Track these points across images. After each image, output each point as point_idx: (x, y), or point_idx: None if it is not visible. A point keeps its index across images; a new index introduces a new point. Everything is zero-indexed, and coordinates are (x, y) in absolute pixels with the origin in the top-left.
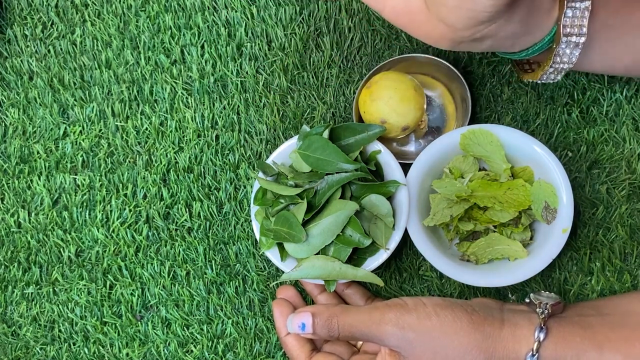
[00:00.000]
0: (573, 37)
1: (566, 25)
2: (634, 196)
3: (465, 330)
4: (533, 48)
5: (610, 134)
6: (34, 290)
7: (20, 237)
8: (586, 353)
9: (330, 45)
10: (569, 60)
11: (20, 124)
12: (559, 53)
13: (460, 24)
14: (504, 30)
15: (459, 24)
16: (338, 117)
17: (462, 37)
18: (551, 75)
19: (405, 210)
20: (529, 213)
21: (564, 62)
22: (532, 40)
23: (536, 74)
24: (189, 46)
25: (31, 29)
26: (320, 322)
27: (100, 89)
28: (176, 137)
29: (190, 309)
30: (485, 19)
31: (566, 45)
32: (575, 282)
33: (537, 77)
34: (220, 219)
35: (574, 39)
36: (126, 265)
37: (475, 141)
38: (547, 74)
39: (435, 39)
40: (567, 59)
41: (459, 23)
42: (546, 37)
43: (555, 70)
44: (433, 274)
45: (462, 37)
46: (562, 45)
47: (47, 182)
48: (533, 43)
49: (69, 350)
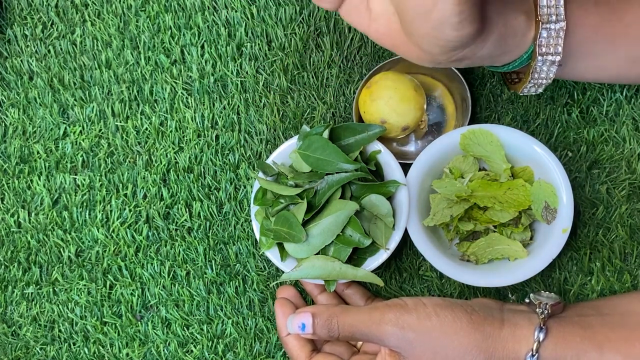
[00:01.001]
0: (549, 56)
1: (542, 45)
2: (634, 196)
3: (465, 331)
4: (513, 64)
5: (610, 134)
6: (34, 290)
7: (20, 237)
8: (586, 353)
9: (330, 45)
10: (546, 76)
11: (20, 124)
12: (537, 70)
13: (434, 51)
14: (479, 52)
15: (433, 50)
16: (338, 117)
17: (439, 60)
18: (532, 89)
19: (405, 210)
20: (529, 213)
21: (542, 78)
22: (510, 58)
23: (519, 87)
24: (189, 46)
25: (31, 29)
26: (320, 322)
27: (100, 89)
28: (176, 137)
29: (190, 309)
30: (455, 47)
31: (542, 63)
32: (575, 282)
33: (519, 89)
34: (220, 219)
35: (550, 58)
36: (126, 265)
37: (475, 141)
38: (527, 88)
39: (416, 59)
40: (544, 75)
41: (432, 50)
42: (524, 55)
43: (535, 84)
44: (433, 274)
45: (439, 60)
46: (539, 63)
47: (47, 182)
48: (512, 60)
49: (69, 350)
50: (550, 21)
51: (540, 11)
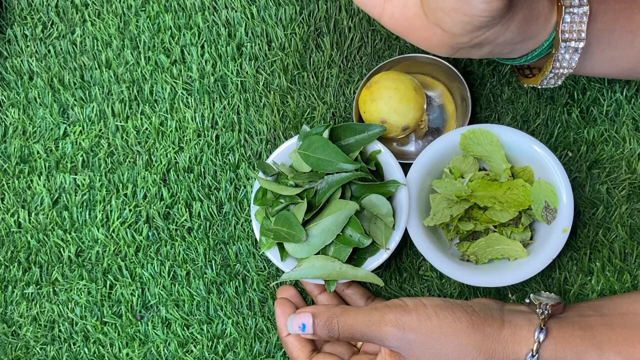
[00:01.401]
0: (572, 42)
1: (565, 30)
2: (634, 196)
3: (465, 331)
4: (532, 54)
5: (610, 134)
6: (34, 290)
7: (20, 237)
8: (586, 354)
9: (330, 45)
10: (568, 65)
11: (20, 124)
12: (558, 58)
13: (457, 30)
14: (502, 36)
15: (456, 29)
16: (338, 117)
17: (460, 43)
18: (551, 80)
19: (405, 210)
20: (529, 213)
21: (564, 67)
22: (531, 46)
23: (537, 79)
24: (189, 46)
25: (31, 29)
26: (320, 322)
27: (100, 89)
28: (176, 137)
29: (190, 309)
30: (481, 24)
31: (565, 51)
32: (575, 282)
33: (537, 82)
34: (220, 219)
35: (572, 44)
36: (126, 265)
37: (475, 141)
38: (547, 79)
39: (433, 46)
40: (566, 64)
41: (456, 29)
42: (545, 43)
43: (555, 75)
44: (433, 274)
45: (460, 43)
46: (561, 50)
47: (47, 182)
48: (532, 49)
49: (69, 350)
50: (574, 5)
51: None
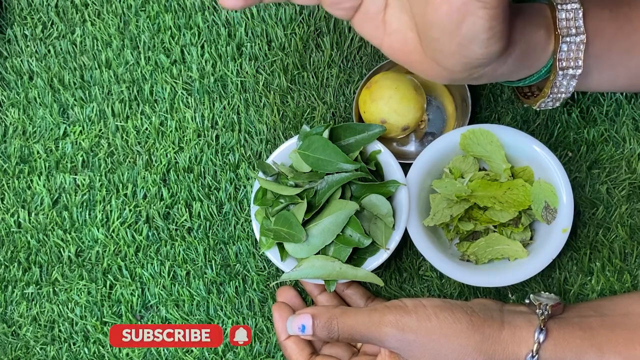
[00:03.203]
0: (569, 69)
1: (562, 59)
2: (634, 196)
3: (465, 332)
4: (530, 78)
5: (610, 134)
6: (34, 290)
7: (20, 237)
8: (586, 354)
9: (330, 45)
10: (566, 90)
11: (20, 124)
12: (556, 84)
13: (455, 68)
14: (500, 69)
15: (454, 67)
16: (338, 117)
17: (459, 78)
18: (549, 103)
19: (405, 210)
20: (529, 213)
21: (562, 92)
22: (529, 72)
23: (535, 102)
24: (189, 46)
25: (31, 29)
26: (320, 323)
27: (100, 89)
28: (176, 137)
29: (190, 309)
30: (479, 64)
31: (563, 77)
32: (575, 282)
33: (535, 104)
34: (220, 219)
35: (570, 72)
36: (126, 265)
37: (475, 141)
38: (545, 103)
39: (431, 76)
40: (564, 89)
41: (454, 67)
42: (543, 69)
43: (553, 99)
44: (433, 274)
45: (459, 78)
46: (559, 77)
47: (47, 182)
48: (530, 74)
49: (69, 350)
50: (570, 34)
51: (559, 24)
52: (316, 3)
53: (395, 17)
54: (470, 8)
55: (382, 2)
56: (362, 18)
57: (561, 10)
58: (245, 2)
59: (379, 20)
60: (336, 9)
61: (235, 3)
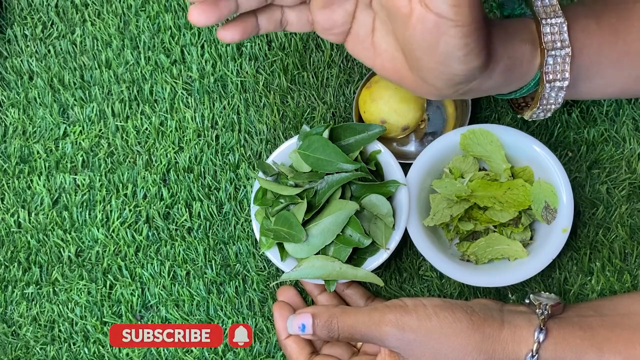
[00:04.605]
0: (557, 82)
1: (548, 72)
2: (634, 196)
3: (465, 332)
4: (520, 91)
5: (610, 134)
6: (34, 290)
7: (20, 237)
8: (586, 354)
9: (330, 45)
10: (555, 101)
11: (20, 124)
12: (545, 96)
13: (440, 85)
14: (486, 84)
15: (439, 84)
16: (338, 117)
17: (446, 94)
18: (540, 114)
19: (405, 210)
20: (529, 213)
21: (551, 104)
22: (517, 86)
23: (527, 113)
24: (189, 46)
25: (31, 29)
26: (320, 323)
27: (100, 89)
28: (176, 137)
29: (190, 309)
30: (462, 80)
31: (551, 90)
32: (575, 282)
33: (527, 115)
34: (220, 219)
35: (557, 84)
36: (126, 265)
37: (475, 141)
38: (536, 114)
39: (422, 93)
40: (553, 100)
41: (439, 84)
42: (531, 82)
43: (543, 110)
44: (433, 274)
45: (446, 94)
46: (547, 90)
47: (47, 182)
48: (519, 87)
49: (69, 350)
50: (555, 48)
51: (544, 39)
52: (311, 30)
53: (383, 39)
54: (442, 27)
55: (369, 26)
56: (354, 41)
57: (546, 24)
58: (242, 36)
59: (368, 42)
60: (328, 34)
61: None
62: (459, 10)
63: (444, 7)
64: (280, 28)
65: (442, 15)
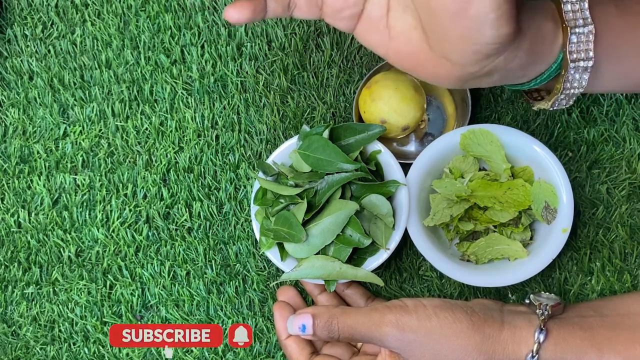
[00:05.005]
0: (581, 62)
1: (572, 51)
2: (634, 196)
3: (465, 332)
4: (541, 77)
5: (610, 134)
6: (34, 290)
7: (20, 237)
8: (586, 355)
9: (330, 45)
10: (579, 84)
11: (20, 124)
12: (569, 79)
13: (466, 60)
14: (511, 62)
15: (465, 59)
16: (338, 117)
17: (470, 73)
18: (563, 102)
19: (405, 210)
20: (529, 213)
21: (575, 87)
22: (540, 69)
23: (548, 102)
24: (189, 46)
25: (31, 29)
26: (320, 323)
27: (100, 89)
28: (176, 137)
29: (190, 309)
30: (490, 52)
31: (575, 71)
32: (575, 282)
33: (549, 104)
34: (220, 219)
35: (582, 64)
36: (126, 265)
37: (475, 141)
38: (559, 101)
39: (442, 78)
40: (577, 84)
41: (464, 59)
42: (553, 65)
43: (566, 96)
44: (433, 274)
45: (470, 73)
46: (571, 70)
47: (47, 182)
48: (541, 72)
49: (69, 350)
50: (578, 25)
51: (566, 16)
52: (317, 17)
53: (399, 18)
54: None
55: (385, 5)
56: (366, 26)
57: (566, 2)
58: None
59: (382, 25)
60: (338, 19)
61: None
62: None
63: None
64: (288, 12)
65: None
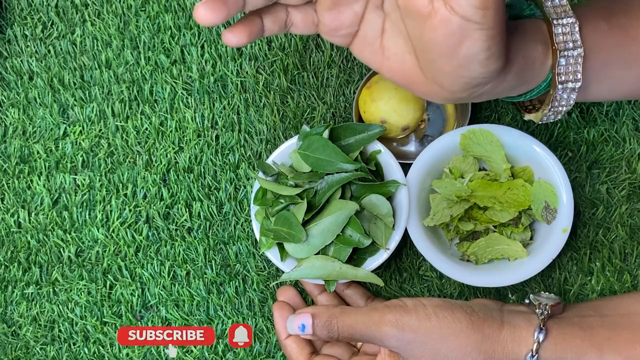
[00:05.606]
0: (569, 83)
1: (560, 73)
2: (634, 196)
3: (465, 332)
4: (531, 93)
5: (610, 134)
6: (34, 290)
7: (20, 237)
8: (586, 354)
9: (331, 45)
10: (566, 103)
11: (20, 124)
12: (557, 98)
13: (455, 88)
14: (499, 87)
15: (454, 88)
16: (338, 117)
17: (459, 98)
18: (551, 117)
19: (405, 210)
20: (529, 213)
21: (562, 105)
22: (529, 87)
23: (537, 116)
24: (189, 46)
25: (31, 29)
26: (320, 323)
27: (100, 89)
28: (176, 137)
29: (190, 309)
30: (480, 83)
31: (563, 91)
32: (575, 282)
33: (538, 118)
34: (220, 219)
35: (569, 85)
36: (126, 265)
37: (475, 141)
38: (547, 116)
39: (434, 97)
40: (564, 102)
41: (454, 87)
42: (542, 84)
43: (554, 112)
44: (433, 274)
45: (459, 98)
46: (559, 91)
47: (47, 182)
48: (530, 89)
49: (69, 350)
50: (567, 48)
51: (556, 39)
52: (314, 32)
53: (392, 41)
54: (467, 30)
55: (379, 28)
56: (361, 44)
57: (557, 25)
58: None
59: (376, 45)
60: (334, 37)
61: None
62: (485, 13)
63: (470, 9)
64: (285, 30)
65: (468, 17)
